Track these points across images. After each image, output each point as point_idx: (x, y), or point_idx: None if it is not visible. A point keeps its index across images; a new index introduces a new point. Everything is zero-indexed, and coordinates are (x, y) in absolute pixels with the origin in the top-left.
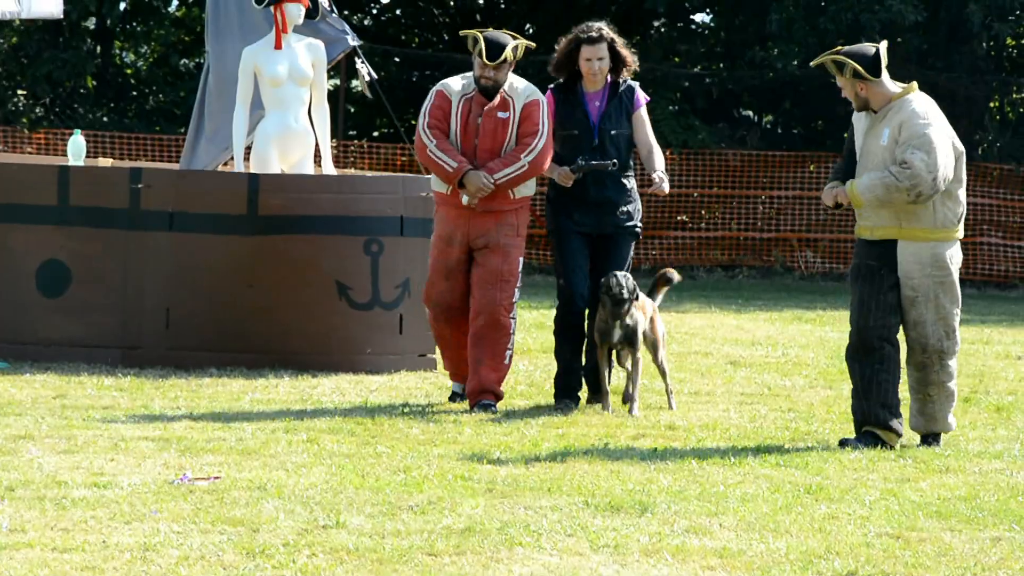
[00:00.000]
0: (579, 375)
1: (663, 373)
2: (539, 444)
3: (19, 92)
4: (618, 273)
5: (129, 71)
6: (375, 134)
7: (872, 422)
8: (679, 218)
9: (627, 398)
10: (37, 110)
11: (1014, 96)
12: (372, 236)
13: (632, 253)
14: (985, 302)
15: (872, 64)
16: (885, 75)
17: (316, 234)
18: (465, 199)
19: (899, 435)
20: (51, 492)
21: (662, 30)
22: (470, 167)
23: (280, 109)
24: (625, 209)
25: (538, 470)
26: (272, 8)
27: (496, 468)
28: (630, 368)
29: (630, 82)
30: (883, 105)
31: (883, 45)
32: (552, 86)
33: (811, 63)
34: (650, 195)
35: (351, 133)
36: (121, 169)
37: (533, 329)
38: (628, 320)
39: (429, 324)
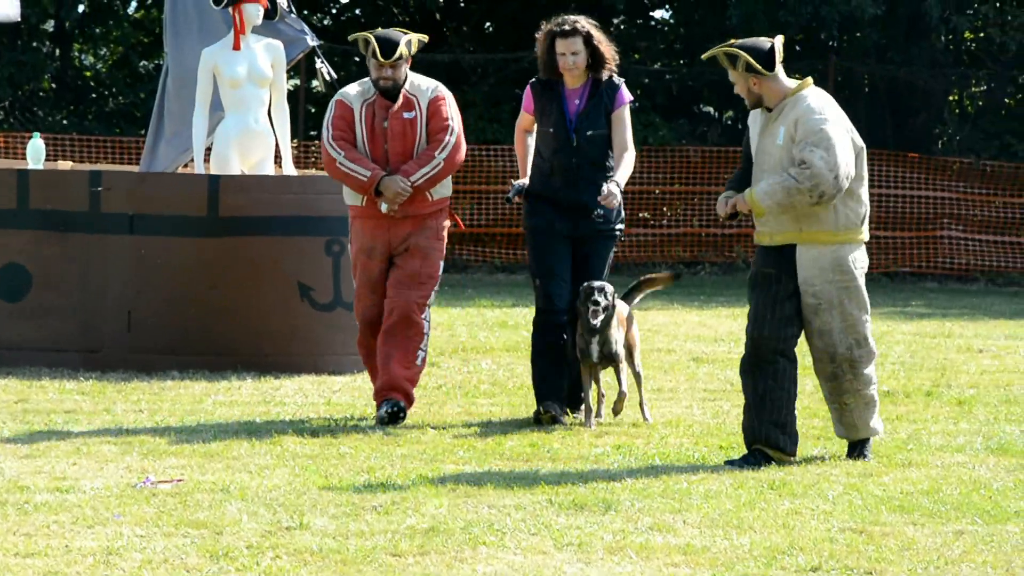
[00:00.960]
0: (558, 384)
1: (638, 381)
2: (502, 443)
3: None
4: (595, 284)
5: (88, 73)
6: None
7: (761, 440)
8: (640, 215)
9: (616, 408)
10: None
11: (973, 89)
12: (334, 236)
13: (611, 256)
14: (946, 296)
15: (766, 58)
16: (780, 70)
17: (277, 235)
18: (384, 207)
19: (789, 454)
20: (13, 497)
21: (621, 27)
22: (384, 173)
23: (240, 110)
24: (600, 212)
25: (501, 469)
26: (230, 9)
27: (459, 467)
28: (620, 384)
29: (615, 79)
30: (777, 102)
31: (779, 40)
32: (532, 80)
33: (703, 56)
34: (601, 205)
35: (311, 133)
36: (81, 172)
37: (496, 328)
38: (607, 335)
39: (357, 344)
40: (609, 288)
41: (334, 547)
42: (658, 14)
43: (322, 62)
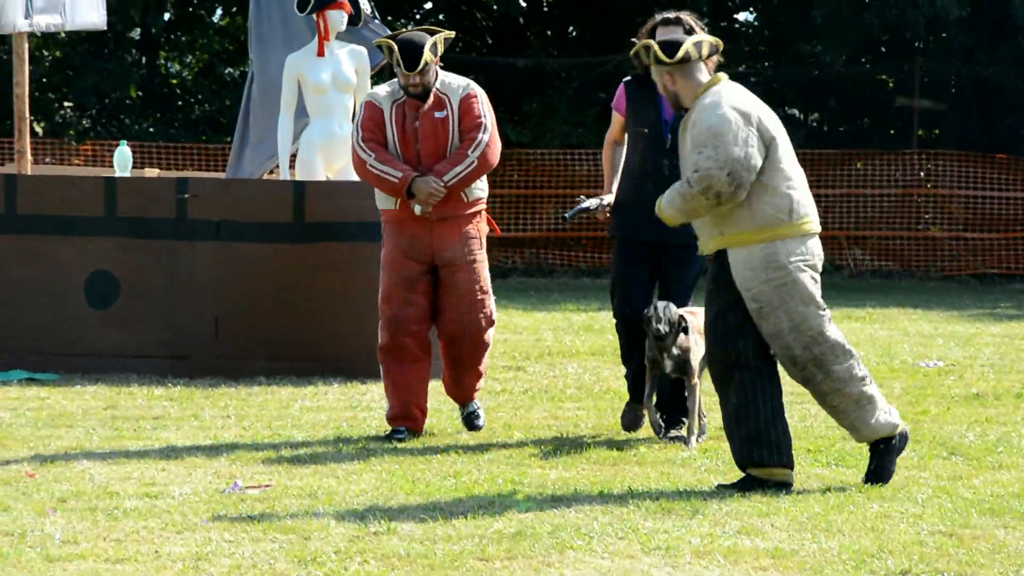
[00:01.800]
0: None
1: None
2: (589, 447)
3: (65, 104)
4: (659, 305)
5: (174, 81)
6: None
7: (744, 462)
8: None
9: (688, 430)
10: (84, 122)
11: None
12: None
13: (701, 266)
14: None
15: (673, 49)
16: (700, 67)
17: (362, 240)
18: (417, 208)
19: (775, 465)
20: (103, 503)
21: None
22: (416, 174)
23: (324, 116)
24: None
25: (588, 473)
26: (315, 15)
27: (546, 471)
28: (691, 402)
29: None
30: (692, 103)
31: (704, 36)
32: (626, 79)
33: (631, 52)
34: None
35: None
36: (168, 179)
37: (582, 332)
38: (676, 350)
39: (378, 355)
40: (673, 308)
41: (421, 551)
42: (742, 16)
43: None
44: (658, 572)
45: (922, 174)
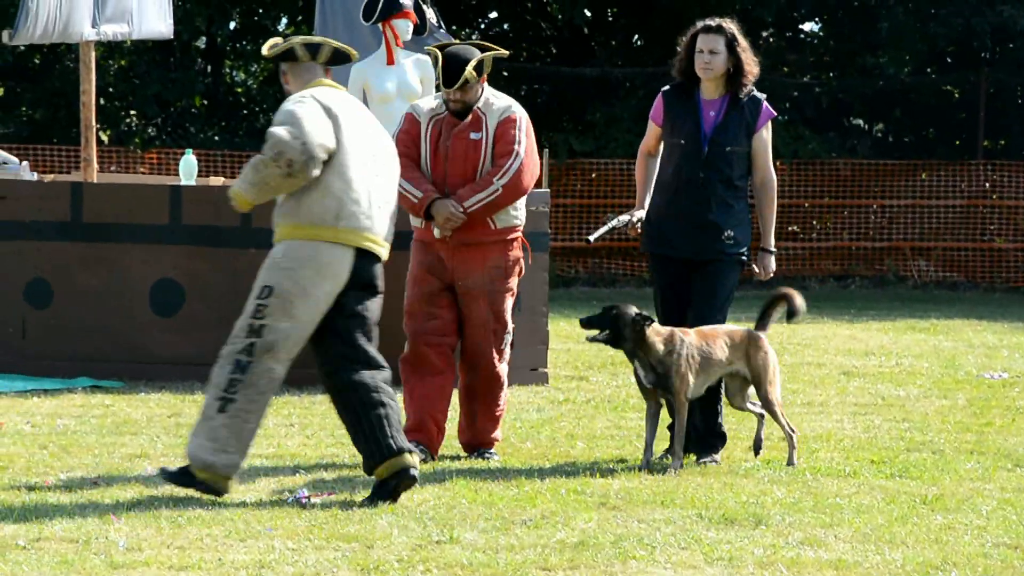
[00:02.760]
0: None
1: (771, 414)
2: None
3: (131, 113)
4: (615, 307)
5: (239, 90)
6: None
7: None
8: (790, 229)
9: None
10: (149, 130)
11: None
12: None
13: (736, 282)
14: None
15: (307, 49)
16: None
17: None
18: (436, 231)
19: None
20: (167, 511)
21: (771, 40)
22: (437, 196)
23: (390, 125)
24: (730, 234)
25: (651, 483)
26: (380, 25)
27: (609, 482)
28: (674, 419)
29: (756, 93)
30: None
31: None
32: (664, 88)
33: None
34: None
35: None
36: None
37: None
38: (654, 358)
39: (400, 368)
40: (625, 310)
41: (484, 561)
42: (807, 27)
43: None
44: None
45: (987, 185)
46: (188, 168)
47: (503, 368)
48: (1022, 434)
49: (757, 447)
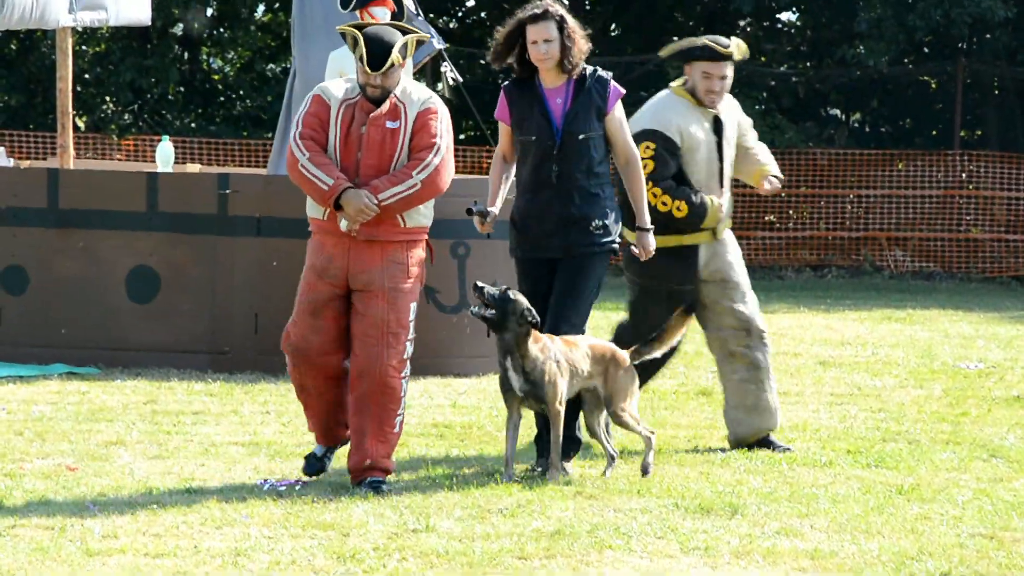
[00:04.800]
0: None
1: (623, 425)
2: (627, 446)
3: (107, 99)
4: (512, 292)
5: (216, 77)
6: (461, 137)
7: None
8: (767, 218)
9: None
10: (125, 117)
11: None
12: (459, 239)
13: (602, 275)
14: None
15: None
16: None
17: None
18: (344, 224)
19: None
20: (142, 498)
21: (748, 29)
22: (349, 185)
23: None
24: (599, 223)
25: (627, 472)
26: (357, 12)
27: (585, 470)
28: (552, 433)
29: (601, 72)
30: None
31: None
32: (505, 84)
33: (736, 54)
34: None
35: None
36: (209, 175)
37: None
38: (528, 362)
39: (290, 374)
40: (523, 302)
41: (460, 549)
42: (785, 16)
43: (448, 65)
44: (696, 572)
45: (964, 175)
46: (165, 155)
47: (401, 384)
48: (997, 424)
49: (645, 471)
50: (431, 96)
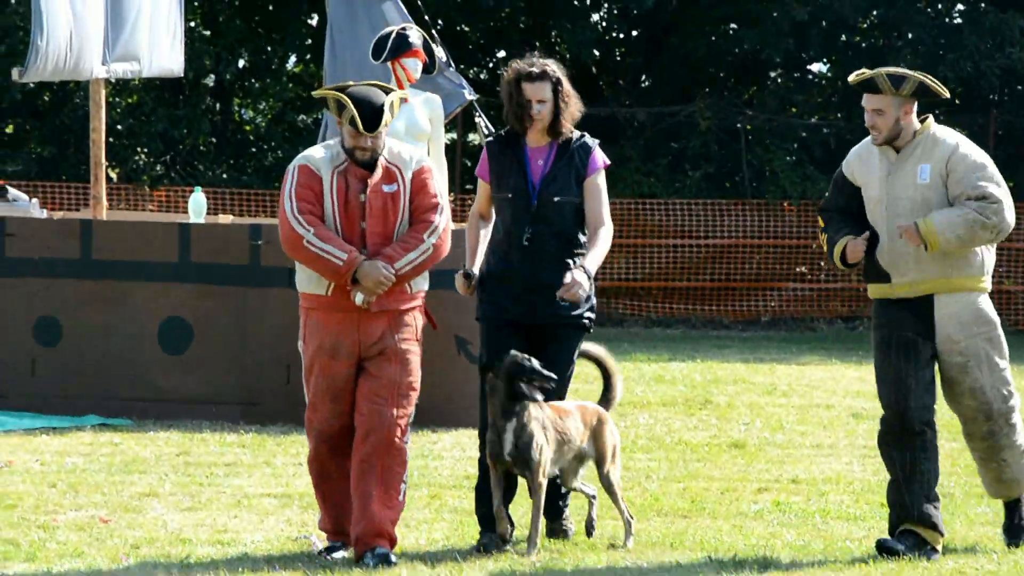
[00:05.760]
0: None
1: (611, 496)
2: (660, 499)
3: (139, 150)
4: (517, 359)
5: (247, 128)
6: None
7: (915, 519)
8: (798, 270)
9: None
10: (157, 168)
11: None
12: None
13: (578, 351)
14: None
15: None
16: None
17: (435, 288)
18: (359, 298)
19: (943, 535)
20: (175, 549)
21: (779, 80)
22: (364, 257)
23: None
24: (566, 299)
25: (660, 525)
26: (389, 63)
27: (618, 523)
28: (533, 499)
29: (588, 139)
30: (910, 139)
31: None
32: (488, 140)
33: (852, 77)
34: (563, 298)
35: (468, 187)
36: (241, 225)
37: (653, 382)
38: (524, 428)
39: (308, 463)
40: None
41: None
42: (815, 67)
43: (480, 116)
44: None
45: None
46: (197, 206)
47: (406, 448)
48: None
49: (589, 529)
50: (422, 156)
